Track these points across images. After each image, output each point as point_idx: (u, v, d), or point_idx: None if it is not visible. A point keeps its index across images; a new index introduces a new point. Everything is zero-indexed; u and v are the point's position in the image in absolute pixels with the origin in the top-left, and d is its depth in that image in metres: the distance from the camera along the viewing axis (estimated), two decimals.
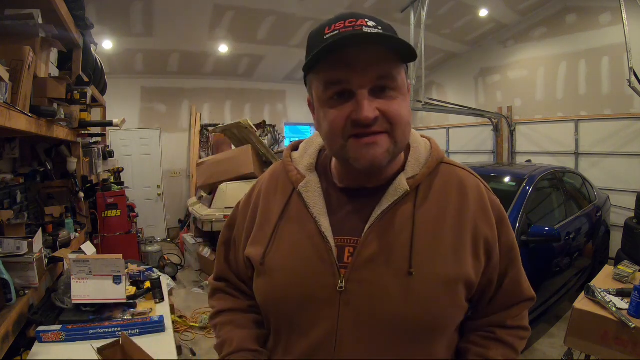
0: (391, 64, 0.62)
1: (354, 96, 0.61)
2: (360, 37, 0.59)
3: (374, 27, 0.61)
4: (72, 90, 2.15)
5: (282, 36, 5.45)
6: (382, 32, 0.60)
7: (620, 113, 4.65)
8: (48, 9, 1.89)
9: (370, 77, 0.60)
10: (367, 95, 0.60)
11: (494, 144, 6.05)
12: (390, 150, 0.64)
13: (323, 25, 0.64)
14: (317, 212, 0.70)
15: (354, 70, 0.60)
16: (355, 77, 0.60)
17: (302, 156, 0.79)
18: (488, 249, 0.70)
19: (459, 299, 0.67)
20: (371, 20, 0.62)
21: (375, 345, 0.64)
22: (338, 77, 0.61)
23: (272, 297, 0.71)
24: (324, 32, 0.62)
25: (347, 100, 0.62)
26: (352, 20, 0.61)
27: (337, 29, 0.61)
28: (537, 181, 3.06)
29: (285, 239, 0.71)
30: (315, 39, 0.64)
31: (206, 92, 6.66)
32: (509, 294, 0.74)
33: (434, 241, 0.66)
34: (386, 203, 0.67)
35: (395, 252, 0.65)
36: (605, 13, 4.70)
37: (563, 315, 3.20)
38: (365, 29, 0.60)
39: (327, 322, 0.65)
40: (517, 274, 0.75)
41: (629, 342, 1.71)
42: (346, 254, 0.67)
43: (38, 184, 2.45)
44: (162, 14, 4.47)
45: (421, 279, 0.64)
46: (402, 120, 0.63)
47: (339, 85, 0.61)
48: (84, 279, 1.67)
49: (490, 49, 6.17)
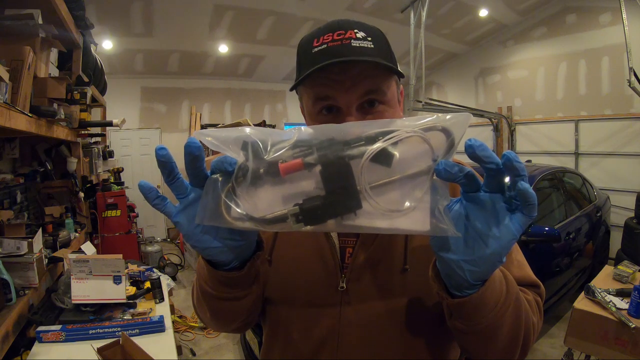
0: (380, 78, 0.61)
1: (341, 113, 0.61)
2: (346, 61, 0.57)
3: (363, 38, 0.60)
4: (72, 90, 2.15)
5: (282, 36, 5.45)
6: (372, 57, 0.58)
7: (620, 113, 4.65)
8: (48, 9, 1.89)
9: (358, 93, 0.60)
10: (354, 113, 0.60)
11: (494, 144, 6.05)
12: None
13: (312, 35, 0.63)
14: None
15: (341, 87, 0.59)
16: (343, 95, 0.60)
17: None
18: None
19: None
20: (360, 30, 0.60)
21: (377, 344, 0.65)
22: (326, 93, 0.61)
23: (275, 293, 0.72)
24: (312, 45, 0.61)
25: (335, 116, 0.62)
26: (340, 33, 0.59)
27: (325, 42, 0.60)
28: (537, 181, 3.06)
29: (291, 238, 0.72)
30: (303, 51, 0.63)
31: (206, 92, 6.66)
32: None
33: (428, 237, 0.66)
34: None
35: (392, 251, 0.66)
36: (605, 13, 4.71)
37: (563, 315, 3.20)
38: (354, 42, 0.59)
39: (329, 322, 0.66)
40: (506, 263, 0.66)
41: (629, 342, 1.71)
42: (347, 254, 0.69)
43: (38, 184, 2.45)
44: (162, 14, 4.47)
45: (416, 274, 0.64)
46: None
47: (327, 101, 0.61)
48: (84, 279, 1.67)
49: (490, 49, 6.17)
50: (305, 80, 0.60)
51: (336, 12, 4.84)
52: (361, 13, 4.92)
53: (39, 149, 2.48)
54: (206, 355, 2.96)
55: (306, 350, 0.68)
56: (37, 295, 1.65)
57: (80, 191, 2.68)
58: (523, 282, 0.69)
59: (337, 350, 0.66)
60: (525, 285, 0.69)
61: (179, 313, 3.42)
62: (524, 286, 0.69)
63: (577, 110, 5.09)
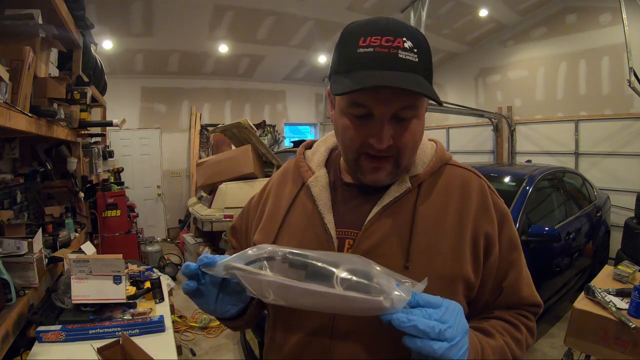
0: (416, 95, 0.61)
1: (374, 119, 0.62)
2: (393, 87, 0.57)
3: (410, 49, 0.60)
4: (72, 90, 2.15)
5: (282, 36, 5.45)
6: (411, 85, 0.58)
7: (620, 113, 4.65)
8: (48, 9, 1.88)
9: (395, 107, 0.61)
10: (386, 124, 0.62)
11: (494, 144, 6.05)
12: (393, 172, 0.68)
13: (359, 29, 0.62)
14: (322, 205, 0.73)
15: (380, 99, 0.60)
16: (380, 107, 0.61)
17: (314, 154, 0.83)
18: (487, 245, 0.69)
19: (457, 298, 0.67)
20: (408, 39, 0.60)
21: (370, 335, 0.65)
22: (363, 101, 0.61)
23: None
24: (358, 43, 0.60)
25: (366, 119, 0.63)
26: (389, 39, 0.59)
27: (372, 46, 0.59)
28: (537, 181, 3.05)
29: (291, 229, 0.74)
30: (348, 46, 0.62)
31: (206, 92, 6.67)
32: (507, 298, 0.71)
33: (433, 238, 0.67)
34: (388, 199, 0.69)
35: (393, 246, 0.67)
36: (605, 13, 4.70)
37: (563, 315, 3.20)
38: (401, 53, 0.59)
39: (324, 312, 0.67)
40: (517, 277, 0.71)
41: (629, 342, 1.71)
42: (346, 246, 0.70)
43: (38, 184, 2.45)
44: (162, 14, 4.47)
45: (417, 274, 0.64)
46: (409, 148, 0.66)
47: (362, 107, 0.62)
48: (84, 279, 1.67)
49: (490, 49, 6.17)
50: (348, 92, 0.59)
51: (336, 12, 4.84)
52: (361, 13, 4.91)
53: (39, 149, 2.48)
54: (206, 355, 2.96)
55: (302, 338, 0.69)
56: (37, 295, 1.64)
57: (80, 191, 2.68)
58: (528, 302, 0.73)
59: (332, 340, 0.67)
60: (530, 305, 0.73)
61: (179, 313, 3.42)
62: (529, 306, 0.73)
63: (577, 110, 5.09)
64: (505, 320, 0.70)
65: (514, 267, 0.72)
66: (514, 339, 0.68)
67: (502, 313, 0.71)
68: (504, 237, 0.71)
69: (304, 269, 0.55)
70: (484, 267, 0.69)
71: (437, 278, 0.65)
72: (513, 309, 0.72)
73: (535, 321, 0.74)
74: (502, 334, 0.67)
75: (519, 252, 0.73)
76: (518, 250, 0.73)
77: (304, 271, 0.55)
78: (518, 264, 0.72)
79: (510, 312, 0.72)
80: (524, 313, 0.73)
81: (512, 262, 0.71)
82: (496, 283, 0.71)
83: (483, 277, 0.69)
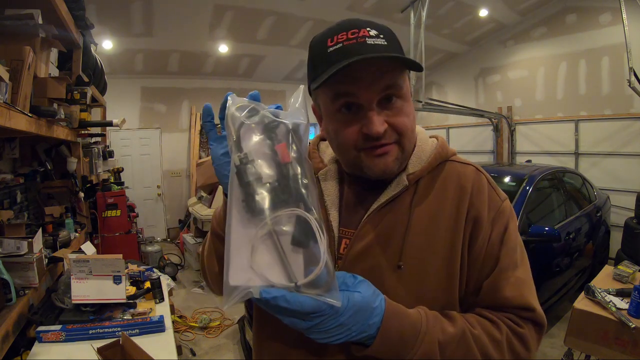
0: (397, 72, 0.62)
1: (362, 109, 0.62)
2: (368, 58, 0.58)
3: (376, 36, 0.61)
4: (72, 90, 2.15)
5: (282, 36, 5.45)
6: (388, 53, 0.60)
7: (620, 113, 4.65)
8: (48, 9, 1.88)
9: (378, 89, 0.61)
10: (375, 109, 0.62)
11: (494, 144, 6.05)
12: (399, 157, 0.66)
13: (324, 35, 0.63)
14: (329, 202, 0.73)
15: (362, 84, 0.60)
16: (363, 92, 0.61)
17: (328, 146, 0.81)
18: (474, 229, 0.66)
19: (453, 297, 0.67)
20: (372, 29, 0.61)
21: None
22: (346, 90, 0.62)
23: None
24: (326, 45, 0.62)
25: (355, 113, 0.63)
26: (354, 31, 0.60)
27: (340, 42, 0.61)
28: (537, 181, 3.06)
29: None
30: (318, 52, 0.63)
31: (206, 92, 6.66)
32: (487, 297, 0.66)
33: (428, 236, 0.66)
34: (384, 197, 0.69)
35: (388, 246, 0.66)
36: (605, 13, 4.70)
37: (563, 315, 3.20)
38: (368, 40, 0.60)
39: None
40: (501, 275, 0.65)
41: (629, 342, 1.71)
42: (343, 245, 0.70)
43: (38, 184, 2.45)
44: (162, 14, 4.47)
45: (411, 273, 0.65)
46: (408, 130, 0.65)
47: (347, 97, 0.62)
48: (84, 279, 1.67)
49: (490, 49, 6.17)
50: (327, 79, 0.60)
51: (336, 12, 4.83)
52: (361, 13, 4.92)
53: (39, 149, 2.48)
54: (206, 355, 2.96)
55: (293, 336, 0.67)
56: (37, 295, 1.64)
57: (80, 191, 2.68)
58: (513, 304, 0.65)
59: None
60: (516, 307, 0.65)
61: (179, 313, 3.42)
62: (515, 309, 0.65)
63: (577, 110, 5.09)
64: (482, 316, 0.65)
65: (500, 265, 0.66)
66: (489, 335, 0.62)
67: (483, 311, 0.66)
68: (495, 231, 0.67)
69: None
70: (469, 255, 0.66)
71: (431, 276, 0.65)
72: (498, 311, 0.66)
73: (529, 329, 0.65)
74: (472, 325, 0.62)
75: (512, 251, 0.67)
76: (512, 250, 0.67)
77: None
78: (507, 262, 0.66)
79: (493, 312, 0.66)
80: (510, 316, 0.65)
81: (500, 259, 0.66)
82: (479, 279, 0.67)
83: (468, 270, 0.66)
